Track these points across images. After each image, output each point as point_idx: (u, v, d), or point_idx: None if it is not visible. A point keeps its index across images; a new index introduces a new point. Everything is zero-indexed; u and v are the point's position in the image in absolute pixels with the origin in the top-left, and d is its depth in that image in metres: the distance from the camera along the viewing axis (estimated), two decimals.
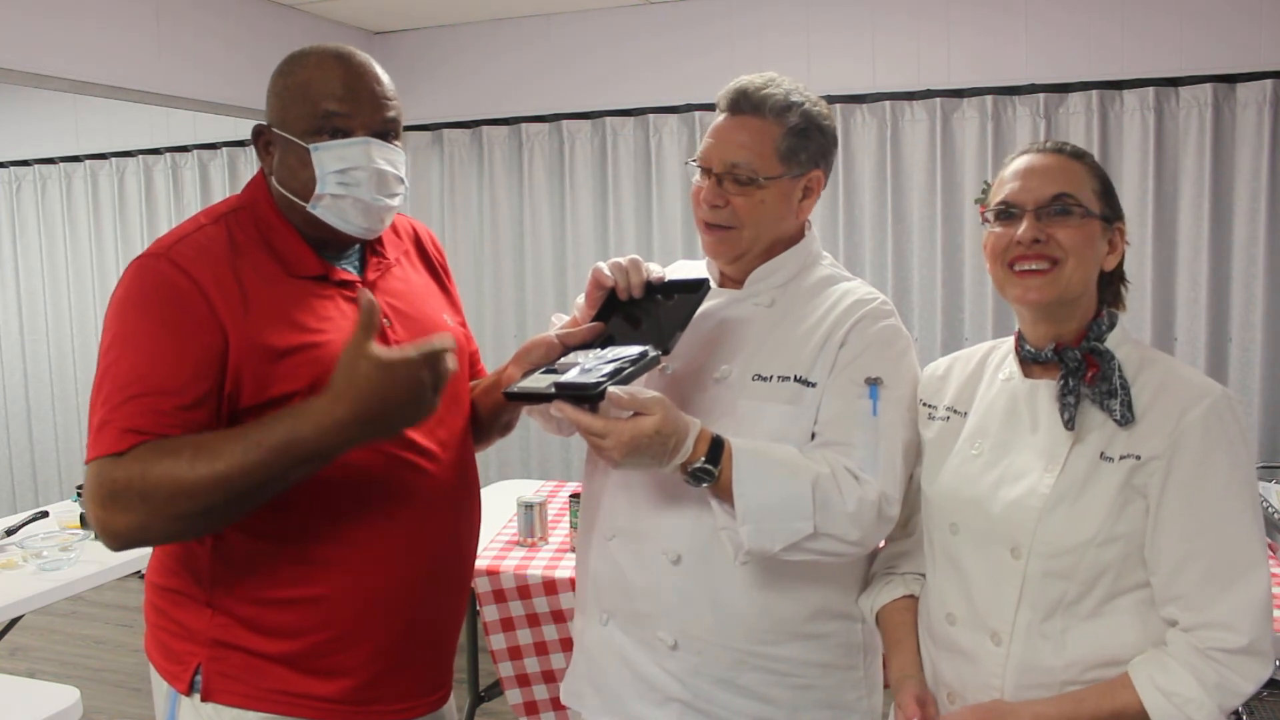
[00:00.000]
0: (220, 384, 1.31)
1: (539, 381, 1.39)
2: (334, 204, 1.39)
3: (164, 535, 1.32)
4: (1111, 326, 1.35)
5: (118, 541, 1.28)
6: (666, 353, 1.40)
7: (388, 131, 1.42)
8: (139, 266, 1.35)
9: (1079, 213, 1.31)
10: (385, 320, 1.45)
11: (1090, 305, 1.36)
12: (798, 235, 1.58)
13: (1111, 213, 1.35)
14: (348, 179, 1.38)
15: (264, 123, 1.43)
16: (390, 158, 1.42)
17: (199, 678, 1.39)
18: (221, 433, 1.27)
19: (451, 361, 1.27)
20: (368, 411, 1.22)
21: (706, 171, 1.50)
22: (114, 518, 1.26)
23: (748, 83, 1.50)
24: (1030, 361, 1.39)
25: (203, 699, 1.39)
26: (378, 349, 1.22)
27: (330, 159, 1.38)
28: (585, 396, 1.30)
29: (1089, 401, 1.31)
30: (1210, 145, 3.64)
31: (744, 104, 1.49)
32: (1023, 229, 1.32)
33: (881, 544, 1.58)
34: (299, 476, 1.27)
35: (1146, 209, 3.71)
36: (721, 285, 1.58)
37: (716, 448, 1.36)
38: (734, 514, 1.36)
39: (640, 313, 1.50)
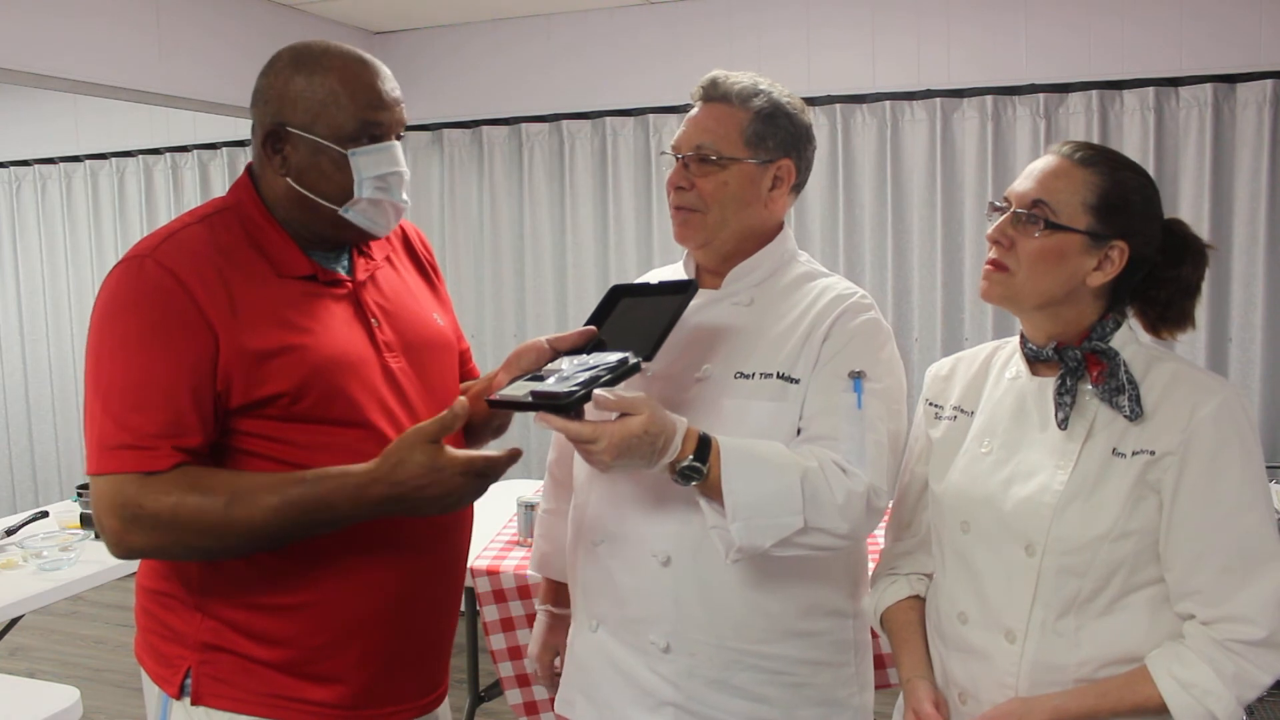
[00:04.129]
0: (214, 385, 1.31)
1: (519, 389, 1.39)
2: (369, 208, 1.41)
3: (180, 558, 1.36)
4: (1118, 328, 1.35)
5: (130, 555, 1.32)
6: (649, 358, 1.39)
7: (401, 134, 1.45)
8: (125, 268, 1.34)
9: (1044, 225, 1.31)
10: (374, 320, 1.45)
11: (1087, 310, 1.35)
12: (773, 232, 1.58)
13: (1106, 229, 1.31)
14: (385, 183, 1.41)
15: (279, 123, 1.38)
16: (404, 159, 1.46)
17: (189, 681, 1.38)
18: (259, 480, 1.30)
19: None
20: (402, 499, 1.29)
21: (678, 157, 1.53)
22: (133, 537, 1.29)
23: (719, 73, 1.55)
24: (1034, 360, 1.39)
25: (193, 703, 1.38)
26: (441, 445, 1.28)
27: (370, 164, 1.39)
28: (558, 406, 1.30)
29: (1098, 399, 1.31)
30: (1210, 145, 3.64)
31: (713, 92, 1.53)
32: (994, 226, 1.35)
33: (881, 542, 1.58)
34: (324, 532, 1.33)
35: None
36: (701, 285, 1.58)
37: (704, 445, 1.35)
38: (723, 512, 1.36)
39: (632, 315, 1.51)
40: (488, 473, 1.32)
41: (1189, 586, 1.26)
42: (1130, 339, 1.35)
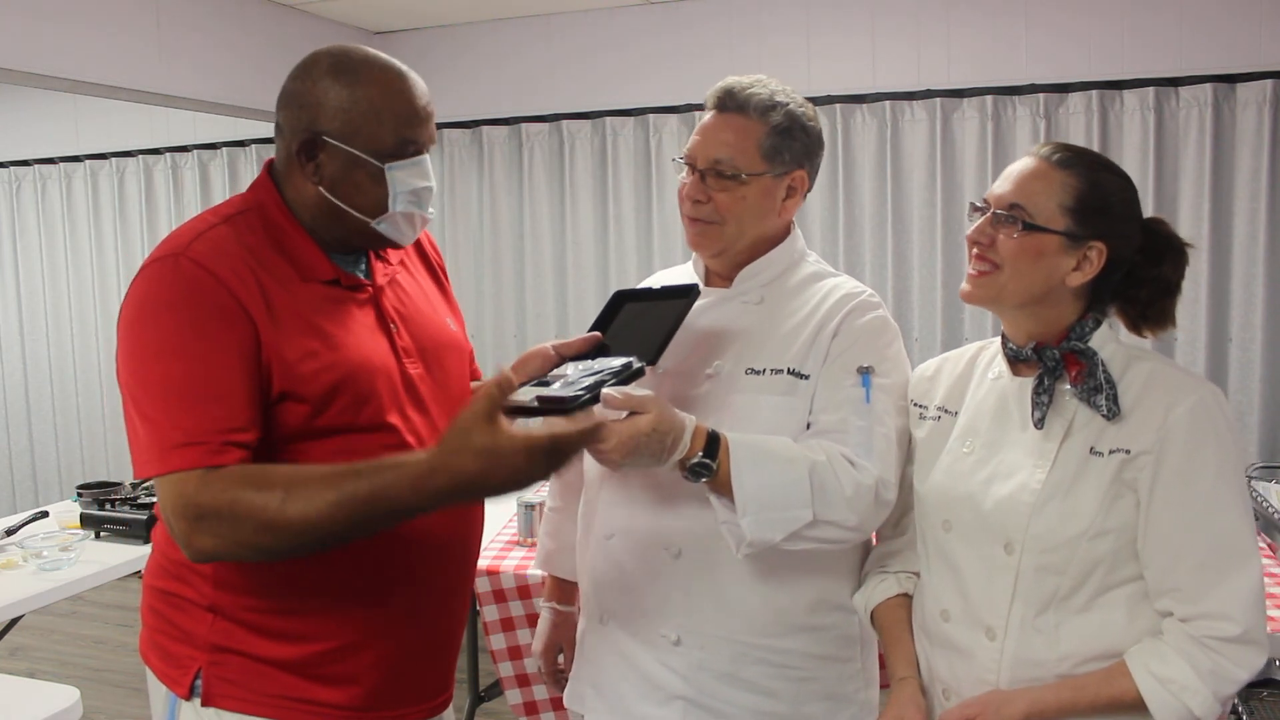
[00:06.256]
0: (260, 377, 1.30)
1: (525, 395, 1.40)
2: (401, 220, 1.41)
3: (250, 558, 1.32)
4: (1097, 327, 1.36)
5: (203, 558, 1.28)
6: (653, 363, 1.41)
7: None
8: (160, 268, 1.32)
9: (1020, 226, 1.32)
10: (393, 326, 1.44)
11: (1066, 310, 1.36)
12: (783, 234, 1.60)
13: (1084, 230, 1.32)
14: (417, 197, 1.40)
15: (316, 131, 1.36)
16: None
17: (199, 682, 1.38)
18: (317, 474, 1.23)
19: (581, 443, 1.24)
20: (467, 488, 1.21)
21: (692, 167, 1.53)
22: (201, 539, 1.25)
23: (734, 82, 1.52)
24: (1015, 360, 1.40)
25: (203, 704, 1.38)
26: (498, 424, 1.19)
27: (406, 179, 1.38)
28: (563, 410, 1.31)
29: (1077, 399, 1.32)
30: (1210, 145, 3.64)
31: (729, 102, 1.52)
32: (973, 228, 1.36)
33: (874, 541, 1.59)
34: (387, 528, 1.28)
35: (1146, 209, 3.68)
36: (710, 284, 1.60)
37: (713, 442, 1.37)
38: (733, 507, 1.37)
39: (635, 320, 1.52)
40: (557, 451, 1.20)
41: (1166, 584, 1.27)
42: (1110, 338, 1.37)
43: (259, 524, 1.22)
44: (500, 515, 3.11)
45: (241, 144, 4.87)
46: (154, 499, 1.52)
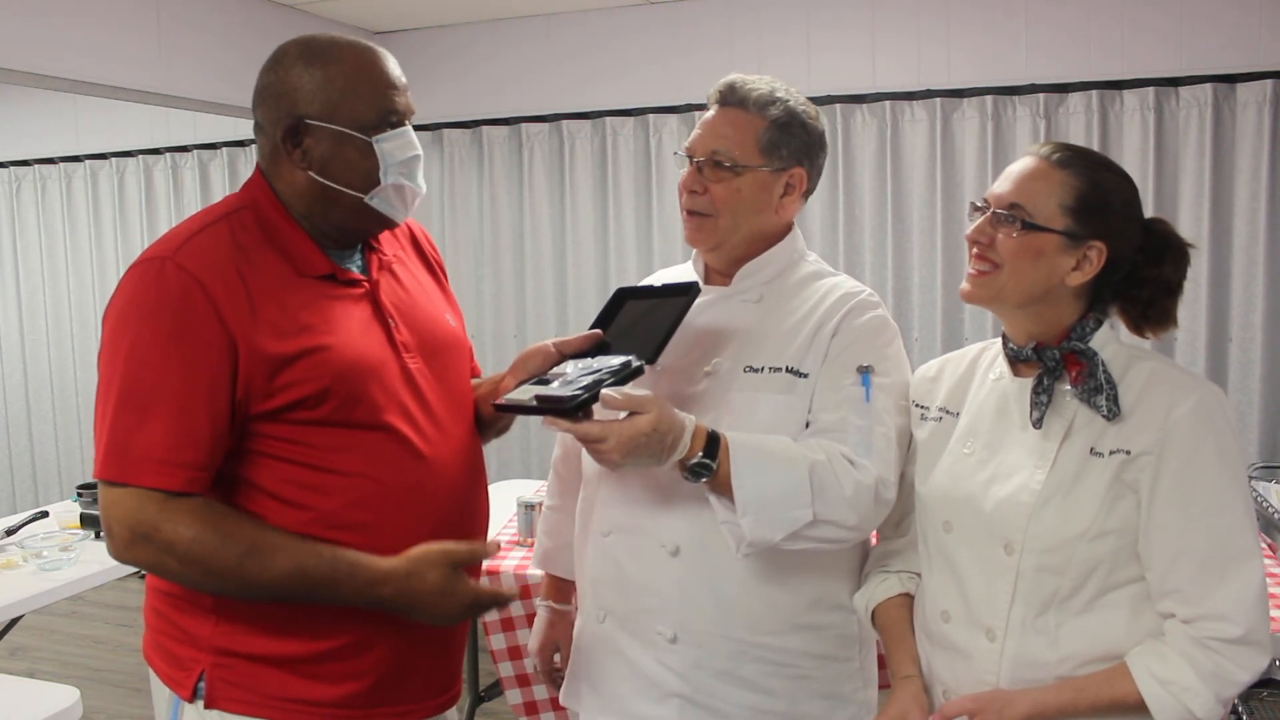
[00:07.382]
0: (232, 395, 1.30)
1: (525, 393, 1.41)
2: (394, 194, 1.42)
3: (174, 581, 1.36)
4: (1098, 328, 1.36)
5: (128, 564, 1.33)
6: (652, 361, 1.41)
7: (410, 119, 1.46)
8: (145, 269, 1.32)
9: (1020, 225, 1.32)
10: (391, 321, 1.44)
11: (1067, 310, 1.36)
12: (783, 232, 1.60)
13: (1084, 230, 1.32)
14: (407, 168, 1.42)
15: (298, 116, 1.37)
16: None
17: (203, 684, 1.38)
18: (278, 541, 1.31)
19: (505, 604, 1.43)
20: (406, 606, 1.35)
21: (691, 159, 1.54)
22: (138, 552, 1.30)
23: (737, 78, 1.55)
24: (1016, 360, 1.40)
25: (206, 706, 1.37)
26: (460, 574, 1.36)
27: (393, 150, 1.40)
28: (561, 410, 1.32)
29: (1077, 399, 1.32)
30: (1210, 145, 3.64)
31: (730, 97, 1.54)
32: (973, 227, 1.36)
33: (874, 540, 1.59)
34: (320, 604, 1.36)
35: (1147, 209, 3.68)
36: (709, 283, 1.61)
37: (713, 442, 1.37)
38: (733, 507, 1.38)
39: (636, 318, 1.52)
40: (487, 607, 1.41)
41: (1168, 585, 1.27)
42: (1111, 339, 1.36)
43: (210, 569, 1.28)
44: (500, 515, 3.11)
45: (241, 144, 4.87)
46: None
